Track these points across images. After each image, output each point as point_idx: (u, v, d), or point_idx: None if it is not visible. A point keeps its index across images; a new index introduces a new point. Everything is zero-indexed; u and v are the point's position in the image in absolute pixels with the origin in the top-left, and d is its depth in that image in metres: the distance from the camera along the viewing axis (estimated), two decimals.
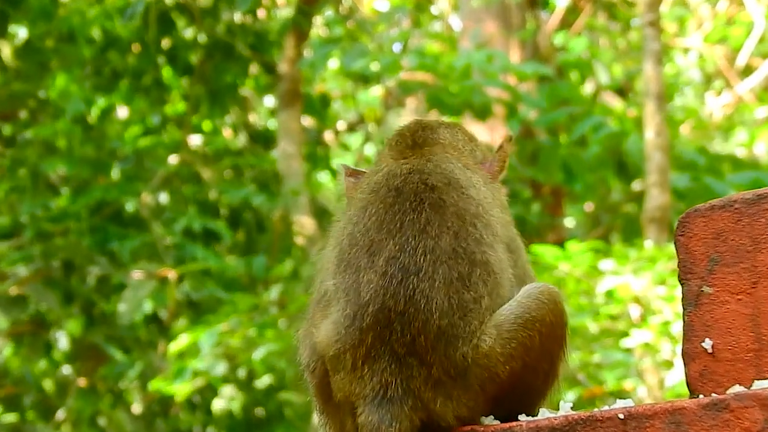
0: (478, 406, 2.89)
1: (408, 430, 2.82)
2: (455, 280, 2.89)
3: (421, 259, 2.90)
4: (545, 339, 2.91)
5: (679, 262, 2.97)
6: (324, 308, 2.99)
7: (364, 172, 3.22)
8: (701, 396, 2.80)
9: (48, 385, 13.56)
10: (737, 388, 2.80)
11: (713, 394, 2.75)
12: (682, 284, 2.96)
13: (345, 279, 2.94)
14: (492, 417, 2.92)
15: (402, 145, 3.19)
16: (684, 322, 2.95)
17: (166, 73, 13.71)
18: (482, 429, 2.85)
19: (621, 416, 2.70)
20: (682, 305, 2.95)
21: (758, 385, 2.80)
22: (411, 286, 2.87)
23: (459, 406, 2.87)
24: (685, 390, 2.94)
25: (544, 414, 2.88)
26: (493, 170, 3.25)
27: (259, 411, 12.94)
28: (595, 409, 2.76)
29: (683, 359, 2.94)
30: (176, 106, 14.17)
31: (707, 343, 2.91)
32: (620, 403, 2.81)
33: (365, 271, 2.92)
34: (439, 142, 3.19)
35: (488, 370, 2.87)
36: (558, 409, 2.90)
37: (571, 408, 2.87)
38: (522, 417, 2.86)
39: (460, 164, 3.13)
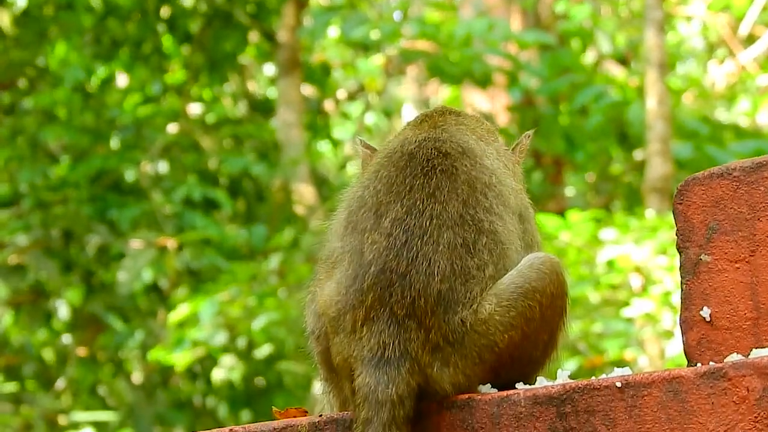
0: (476, 375, 2.88)
1: (405, 393, 2.81)
2: (459, 245, 2.89)
3: (427, 223, 2.90)
4: (545, 310, 2.91)
5: (677, 231, 2.96)
6: (330, 270, 3.00)
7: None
8: (699, 364, 2.79)
9: (48, 354, 13.57)
10: (735, 357, 2.79)
11: (711, 363, 2.75)
12: (680, 252, 2.95)
13: (351, 240, 2.95)
14: (489, 385, 2.91)
15: (423, 122, 3.20)
16: (682, 290, 2.94)
17: (166, 41, 13.67)
18: (480, 397, 2.83)
19: (618, 384, 2.70)
20: (681, 274, 2.95)
21: (756, 353, 2.79)
22: (414, 249, 2.88)
23: (456, 373, 2.85)
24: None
25: (541, 382, 2.87)
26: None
27: (259, 380, 12.95)
28: (593, 378, 2.75)
29: (681, 328, 2.94)
30: (176, 74, 14.13)
31: (705, 312, 2.90)
32: (618, 372, 2.80)
33: (370, 233, 2.93)
34: (459, 122, 3.20)
35: (486, 337, 2.86)
36: (555, 378, 2.88)
37: (570, 377, 2.86)
38: (519, 385, 2.85)
39: (474, 136, 3.14)
